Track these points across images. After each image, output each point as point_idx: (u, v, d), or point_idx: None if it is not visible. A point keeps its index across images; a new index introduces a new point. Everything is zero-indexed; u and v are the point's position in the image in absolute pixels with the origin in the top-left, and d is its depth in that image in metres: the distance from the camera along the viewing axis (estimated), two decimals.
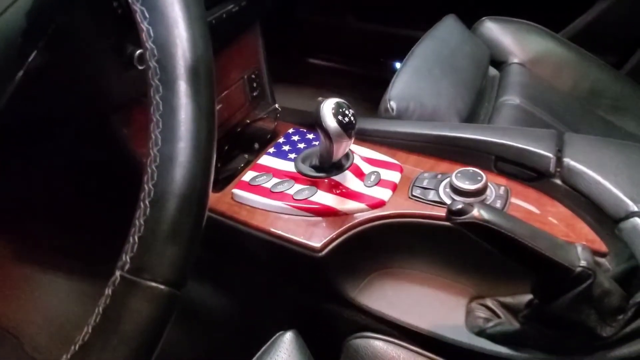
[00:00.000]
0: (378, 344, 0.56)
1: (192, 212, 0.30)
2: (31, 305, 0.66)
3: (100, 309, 0.28)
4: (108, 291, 0.28)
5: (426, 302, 0.60)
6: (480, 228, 0.45)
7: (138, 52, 0.50)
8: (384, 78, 1.02)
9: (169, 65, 0.31)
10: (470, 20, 1.18)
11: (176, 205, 0.30)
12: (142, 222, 0.29)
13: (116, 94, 0.52)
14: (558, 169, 0.60)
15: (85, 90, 0.50)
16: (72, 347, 0.27)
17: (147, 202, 0.29)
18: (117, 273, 0.29)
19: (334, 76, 1.56)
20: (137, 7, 0.32)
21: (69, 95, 0.49)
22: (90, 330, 0.27)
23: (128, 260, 0.29)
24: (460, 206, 0.46)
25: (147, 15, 0.31)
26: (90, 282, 0.71)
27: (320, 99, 0.57)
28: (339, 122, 0.56)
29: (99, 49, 0.48)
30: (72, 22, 0.42)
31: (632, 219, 0.50)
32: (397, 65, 1.52)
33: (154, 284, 0.28)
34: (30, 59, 0.33)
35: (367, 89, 1.14)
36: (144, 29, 0.32)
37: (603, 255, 0.54)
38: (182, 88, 0.31)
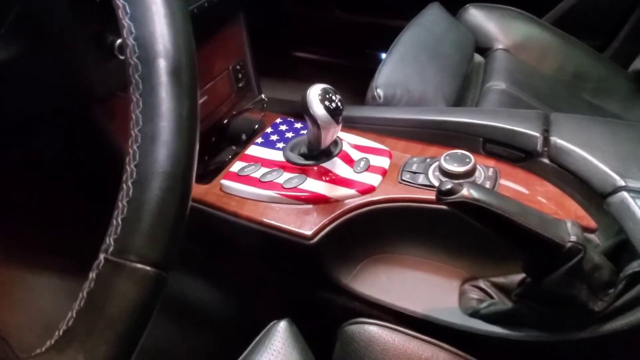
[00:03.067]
0: (373, 329, 0.55)
1: (177, 191, 0.30)
2: (18, 305, 0.65)
3: (85, 293, 0.27)
4: (92, 275, 0.28)
5: (419, 286, 0.60)
6: (470, 207, 0.45)
7: (118, 41, 0.50)
8: (371, 69, 1.02)
9: (147, 42, 0.30)
10: (454, 7, 1.18)
11: (159, 184, 0.29)
12: (125, 203, 0.28)
13: (97, 86, 0.51)
14: (545, 148, 0.60)
15: (65, 83, 0.49)
16: (56, 333, 0.27)
17: (129, 184, 0.29)
18: (101, 256, 0.28)
19: (320, 69, 1.56)
20: None
21: (48, 88, 0.48)
22: (74, 315, 0.27)
23: (112, 242, 0.28)
24: (449, 186, 0.46)
25: None
26: (78, 280, 0.70)
27: (303, 92, 0.57)
28: (326, 108, 0.55)
29: (77, 38, 0.47)
30: (43, 9, 0.41)
31: (619, 194, 0.51)
32: (383, 56, 1.52)
33: (139, 266, 0.28)
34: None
35: (353, 81, 1.14)
36: (120, 5, 0.31)
37: (592, 231, 0.54)
38: (162, 65, 0.30)
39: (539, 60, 1.12)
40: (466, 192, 0.45)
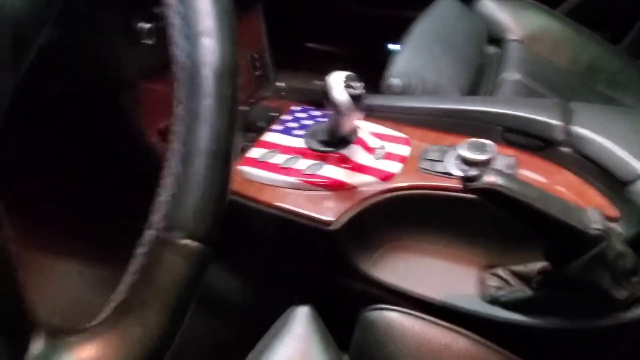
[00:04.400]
0: (393, 315, 0.56)
1: (220, 169, 0.30)
2: (46, 290, 0.66)
3: (133, 268, 0.28)
4: (141, 249, 0.28)
5: (438, 273, 0.61)
6: (494, 193, 0.45)
7: (147, 26, 0.50)
8: (384, 60, 1.01)
9: (193, 20, 0.31)
10: None
11: (205, 162, 0.29)
12: (171, 180, 0.29)
13: (126, 71, 0.52)
14: (565, 137, 0.60)
15: (95, 67, 0.50)
16: (109, 305, 0.27)
17: (175, 160, 0.29)
18: (149, 231, 0.28)
19: (334, 60, 1.55)
20: None
21: (79, 72, 0.48)
22: (126, 288, 0.27)
23: (159, 218, 0.28)
24: (475, 172, 0.46)
25: None
26: (105, 268, 0.71)
27: (318, 82, 0.57)
28: (349, 94, 0.55)
29: (107, 24, 0.48)
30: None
31: None
32: (396, 47, 1.52)
33: (186, 241, 0.28)
34: (42, 33, 0.33)
35: (366, 72, 1.13)
36: None
37: (614, 219, 0.54)
38: (207, 44, 0.30)
39: (553, 51, 1.12)
40: (491, 178, 0.45)
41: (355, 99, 0.56)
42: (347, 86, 0.56)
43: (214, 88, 0.30)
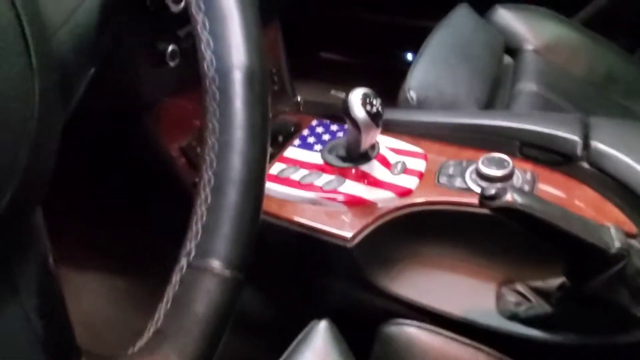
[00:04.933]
0: (412, 330, 0.56)
1: (252, 198, 0.31)
2: (75, 306, 0.67)
3: (170, 295, 0.29)
4: (176, 278, 0.29)
5: (456, 288, 0.61)
6: (514, 212, 0.45)
7: (170, 48, 0.51)
8: (397, 70, 1.02)
9: (225, 54, 0.32)
10: (482, 8, 1.18)
11: (237, 191, 0.30)
12: (204, 209, 0.30)
13: (148, 92, 0.53)
14: (585, 153, 0.60)
15: (118, 90, 0.51)
16: (146, 334, 0.28)
17: (207, 190, 0.30)
18: (184, 260, 0.29)
19: (347, 70, 1.56)
20: None
21: (102, 95, 0.49)
22: (162, 317, 0.28)
23: (193, 247, 0.29)
24: (493, 191, 0.46)
25: (201, 6, 0.32)
26: (123, 281, 0.72)
27: (333, 92, 0.58)
28: (367, 112, 0.56)
29: (132, 46, 0.49)
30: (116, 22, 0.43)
31: None
32: (410, 56, 1.52)
33: (220, 269, 0.29)
34: (98, 60, 0.34)
35: (380, 82, 1.14)
36: (199, 20, 0.32)
37: (634, 236, 0.54)
38: (238, 76, 0.31)
39: (569, 61, 1.11)
40: (510, 197, 0.46)
41: (374, 116, 0.57)
42: (366, 103, 0.57)
43: (246, 118, 0.31)
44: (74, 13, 0.31)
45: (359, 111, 0.56)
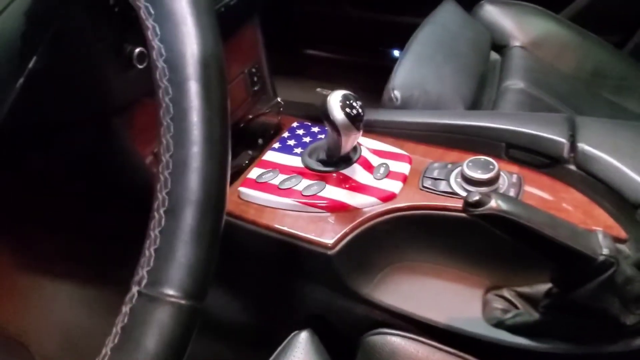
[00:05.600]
0: (396, 340, 0.55)
1: (210, 220, 0.29)
2: (39, 313, 0.65)
3: (119, 328, 0.26)
4: (126, 309, 0.27)
5: (442, 295, 0.59)
6: (498, 219, 0.44)
7: (137, 50, 0.49)
8: (384, 66, 1.00)
9: (178, 64, 0.29)
10: (469, 4, 1.16)
11: (193, 213, 0.28)
12: (157, 233, 0.27)
13: (116, 96, 0.51)
14: (572, 155, 0.58)
15: (85, 93, 0.49)
16: None
17: (161, 212, 0.28)
18: (134, 289, 0.27)
19: (333, 67, 1.54)
20: (141, 3, 0.30)
21: (68, 98, 0.47)
22: (109, 352, 0.26)
23: (145, 274, 0.27)
24: (477, 197, 0.44)
25: (152, 11, 0.30)
26: (97, 289, 0.70)
27: (318, 89, 0.56)
28: (347, 115, 0.54)
29: (97, 49, 0.46)
30: (69, 22, 0.40)
31: None
32: (396, 53, 1.50)
33: (174, 299, 0.27)
34: (31, 64, 0.31)
35: (366, 79, 1.12)
36: (150, 26, 0.30)
37: (622, 241, 0.53)
38: (193, 88, 0.29)
39: (557, 57, 1.10)
40: (494, 203, 0.44)
41: (354, 119, 0.55)
42: (346, 106, 0.54)
43: (202, 133, 0.29)
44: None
45: (338, 114, 0.54)
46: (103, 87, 0.49)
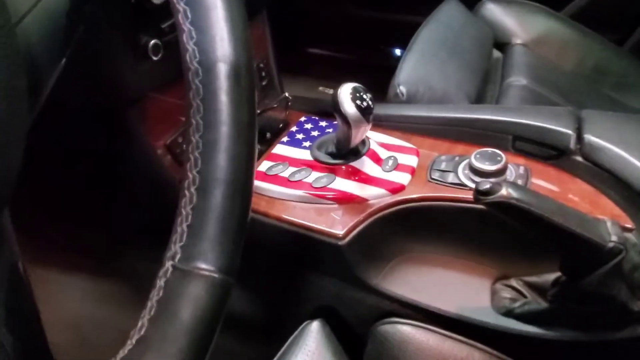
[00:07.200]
0: (406, 328, 0.55)
1: (239, 198, 0.29)
2: (48, 306, 0.65)
3: (154, 301, 0.27)
4: (160, 283, 0.27)
5: (450, 285, 0.60)
6: (509, 207, 0.44)
7: (152, 42, 0.49)
8: (385, 65, 1.01)
9: (208, 47, 0.30)
10: (470, 3, 1.17)
11: (223, 191, 0.28)
12: (189, 210, 0.28)
13: (132, 87, 0.51)
14: (578, 146, 0.59)
15: (101, 84, 0.49)
16: (129, 342, 0.26)
17: (192, 190, 0.28)
18: (168, 263, 0.28)
19: (334, 65, 1.55)
20: None
21: (84, 89, 0.48)
22: (146, 323, 0.26)
23: (178, 249, 0.28)
24: (488, 186, 0.45)
25: None
26: (104, 281, 0.71)
27: (321, 88, 0.57)
28: (358, 107, 0.55)
29: (114, 40, 0.47)
30: (94, 13, 0.41)
31: None
32: (398, 52, 1.51)
33: (207, 272, 0.27)
34: (67, 53, 0.32)
35: (368, 77, 1.13)
36: (180, 9, 0.30)
37: (629, 230, 0.53)
38: (223, 70, 0.30)
39: (559, 55, 1.11)
40: (505, 191, 0.44)
41: (365, 111, 0.55)
42: (356, 98, 0.55)
43: (231, 114, 0.29)
44: None
45: (348, 106, 0.55)
46: (118, 77, 0.50)
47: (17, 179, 0.26)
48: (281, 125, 0.74)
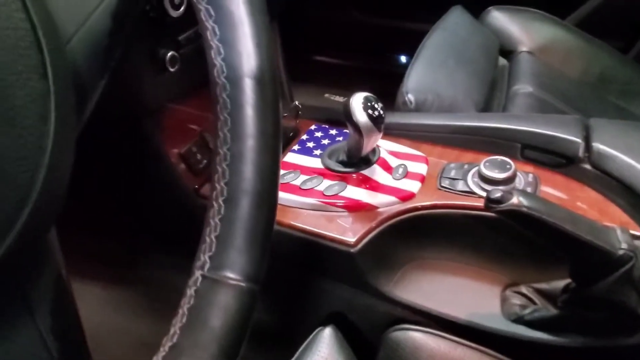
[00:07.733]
0: (417, 335, 0.56)
1: (266, 207, 0.31)
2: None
3: (185, 309, 0.28)
4: (190, 291, 0.28)
5: (461, 292, 0.61)
6: (520, 215, 0.45)
7: (170, 54, 0.50)
8: (391, 72, 1.02)
9: (235, 63, 0.31)
10: (476, 10, 1.18)
11: (250, 202, 0.30)
12: (217, 221, 0.29)
13: (149, 98, 0.52)
14: (587, 154, 0.60)
15: (119, 94, 0.50)
16: (162, 349, 0.27)
17: (220, 201, 0.29)
18: (198, 273, 0.29)
19: (340, 73, 1.56)
20: (202, 6, 0.31)
21: (108, 101, 0.49)
22: (178, 331, 0.27)
23: (207, 259, 0.29)
24: (499, 194, 0.46)
25: (212, 13, 0.31)
26: (119, 288, 0.71)
27: (327, 95, 0.58)
28: (369, 116, 0.56)
29: (136, 54, 0.48)
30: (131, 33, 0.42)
31: None
32: (403, 59, 1.53)
33: (235, 282, 0.28)
34: (112, 63, 0.33)
35: (374, 84, 1.14)
36: (209, 27, 0.31)
37: (638, 237, 0.54)
38: (249, 84, 0.31)
39: (564, 62, 1.12)
40: (517, 200, 0.45)
41: (376, 120, 0.56)
42: (368, 107, 0.56)
43: (258, 127, 0.30)
44: (88, 18, 0.30)
45: (360, 115, 0.56)
46: (137, 89, 0.51)
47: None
48: (292, 133, 0.75)
